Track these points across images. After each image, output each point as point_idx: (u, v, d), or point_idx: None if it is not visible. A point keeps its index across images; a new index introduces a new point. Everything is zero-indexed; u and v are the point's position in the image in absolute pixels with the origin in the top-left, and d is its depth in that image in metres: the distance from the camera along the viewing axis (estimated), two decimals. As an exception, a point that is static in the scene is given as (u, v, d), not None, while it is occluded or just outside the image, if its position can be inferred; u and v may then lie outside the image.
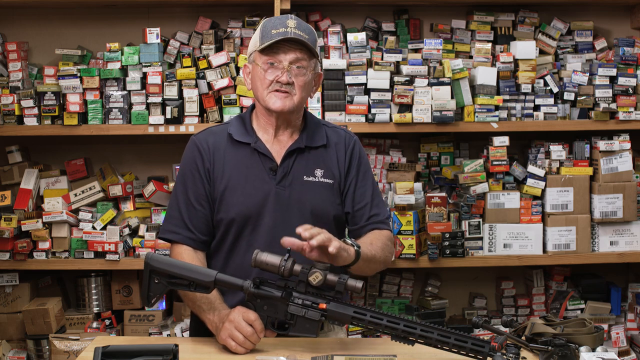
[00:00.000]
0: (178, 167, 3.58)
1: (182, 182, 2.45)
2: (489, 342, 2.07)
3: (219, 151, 2.43)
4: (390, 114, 3.56)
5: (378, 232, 2.46)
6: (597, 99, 3.63)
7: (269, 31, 2.34)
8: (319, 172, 2.42)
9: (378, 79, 3.54)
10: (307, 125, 2.47)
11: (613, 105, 3.61)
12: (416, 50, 3.68)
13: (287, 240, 2.14)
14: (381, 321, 2.10)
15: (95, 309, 3.74)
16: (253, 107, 2.51)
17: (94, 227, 3.57)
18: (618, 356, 2.10)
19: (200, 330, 2.42)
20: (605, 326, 3.72)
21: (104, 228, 3.56)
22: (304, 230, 2.12)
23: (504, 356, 2.05)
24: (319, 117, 3.48)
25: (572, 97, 3.64)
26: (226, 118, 3.52)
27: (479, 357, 2.05)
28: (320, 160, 2.44)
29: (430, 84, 3.54)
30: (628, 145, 3.62)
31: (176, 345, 2.02)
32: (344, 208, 2.47)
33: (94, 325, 3.61)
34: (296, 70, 2.35)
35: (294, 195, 2.39)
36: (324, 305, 2.15)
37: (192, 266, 2.22)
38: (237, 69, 3.56)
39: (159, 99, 3.53)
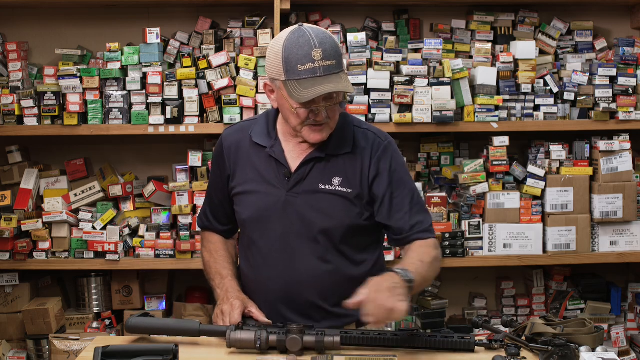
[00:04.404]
0: (178, 167, 3.63)
1: (210, 174, 2.58)
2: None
3: (240, 150, 2.40)
4: (390, 114, 3.56)
5: (424, 242, 2.32)
6: (597, 99, 3.62)
7: (294, 66, 2.16)
8: (336, 181, 2.31)
9: (378, 79, 3.54)
10: (334, 131, 2.32)
11: (613, 105, 3.61)
12: (416, 50, 3.68)
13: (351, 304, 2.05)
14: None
15: (95, 309, 3.73)
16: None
17: (94, 227, 3.57)
18: (618, 356, 2.09)
19: None
20: (605, 326, 3.72)
21: (104, 228, 3.56)
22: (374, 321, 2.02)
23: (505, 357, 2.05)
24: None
25: (572, 97, 3.64)
26: (226, 118, 3.52)
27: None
28: (341, 168, 2.32)
29: (430, 84, 3.54)
30: (628, 145, 3.62)
31: (176, 345, 2.02)
32: (373, 217, 2.35)
33: (94, 325, 3.61)
34: (332, 106, 2.23)
35: (304, 204, 2.30)
36: None
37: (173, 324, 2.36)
38: (237, 69, 3.55)
39: (159, 99, 3.53)
